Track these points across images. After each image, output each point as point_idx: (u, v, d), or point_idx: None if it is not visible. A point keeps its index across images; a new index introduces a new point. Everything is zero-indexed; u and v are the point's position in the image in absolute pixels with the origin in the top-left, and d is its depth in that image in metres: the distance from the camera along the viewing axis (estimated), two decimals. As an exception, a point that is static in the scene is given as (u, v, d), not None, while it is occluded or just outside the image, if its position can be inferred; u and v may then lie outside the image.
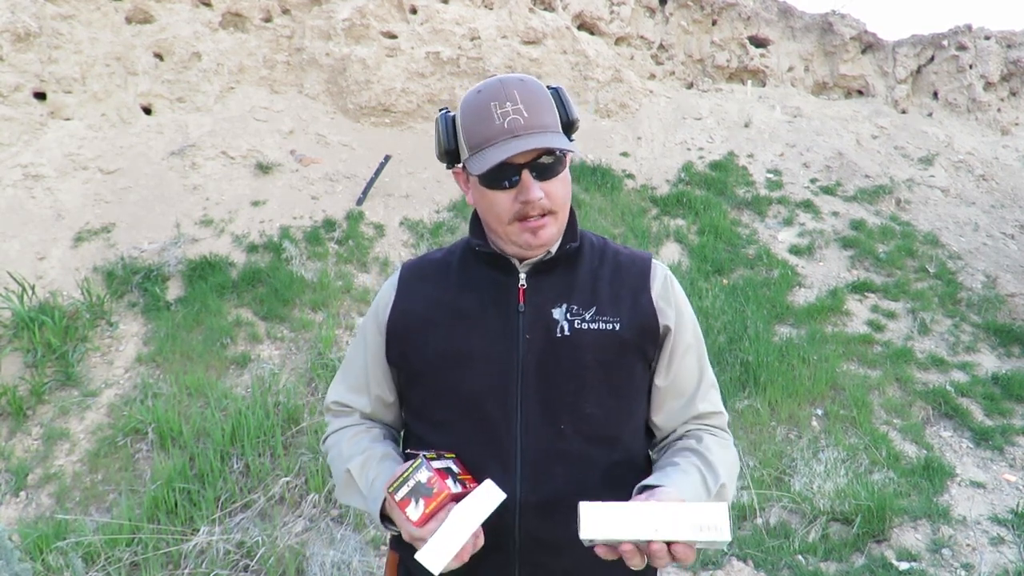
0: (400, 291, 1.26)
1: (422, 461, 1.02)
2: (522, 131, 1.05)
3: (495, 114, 1.06)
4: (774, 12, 11.44)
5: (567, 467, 1.13)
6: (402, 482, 1.01)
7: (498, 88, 1.08)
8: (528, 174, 1.07)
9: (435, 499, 0.98)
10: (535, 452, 1.12)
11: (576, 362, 1.14)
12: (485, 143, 1.06)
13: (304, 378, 4.70)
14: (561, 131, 1.12)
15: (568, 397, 1.14)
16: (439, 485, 0.99)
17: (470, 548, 1.00)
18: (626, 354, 1.16)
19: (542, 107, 1.09)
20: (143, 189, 6.40)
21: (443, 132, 1.15)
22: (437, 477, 1.00)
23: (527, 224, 1.10)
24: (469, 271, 1.23)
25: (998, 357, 5.99)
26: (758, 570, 3.35)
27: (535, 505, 1.12)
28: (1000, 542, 3.61)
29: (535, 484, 1.12)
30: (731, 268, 7.00)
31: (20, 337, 4.59)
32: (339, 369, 1.37)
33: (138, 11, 7.42)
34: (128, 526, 3.28)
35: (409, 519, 0.99)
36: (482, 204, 1.15)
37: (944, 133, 10.55)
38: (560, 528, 1.12)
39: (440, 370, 1.17)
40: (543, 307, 1.17)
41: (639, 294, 1.20)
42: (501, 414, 1.13)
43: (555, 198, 1.11)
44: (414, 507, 0.99)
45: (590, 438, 1.14)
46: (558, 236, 1.17)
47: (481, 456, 1.13)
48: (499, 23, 9.14)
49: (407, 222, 6.87)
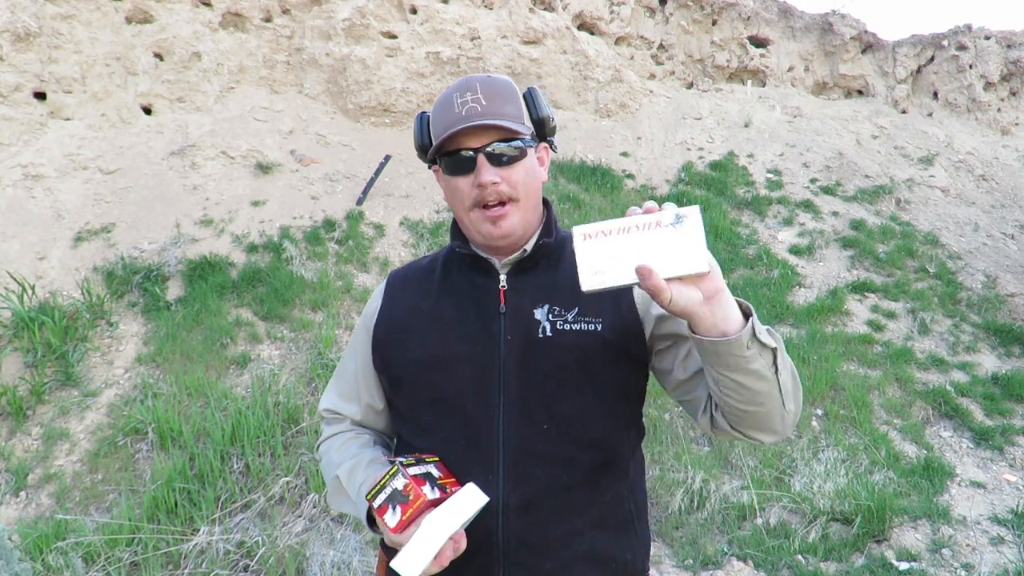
0: (385, 300, 1.29)
1: (398, 468, 1.02)
2: (476, 117, 1.10)
3: (455, 103, 1.12)
4: (774, 12, 11.44)
5: (549, 468, 1.13)
6: (379, 489, 1.01)
7: (463, 83, 1.15)
8: (483, 159, 1.11)
9: (411, 506, 0.99)
10: (517, 453, 1.13)
11: (558, 363, 1.14)
12: (444, 131, 1.12)
13: (304, 378, 4.70)
14: (524, 123, 1.16)
15: (549, 398, 1.14)
16: (415, 492, 0.99)
17: (450, 553, 0.99)
18: (608, 355, 1.15)
19: (502, 98, 1.13)
20: (143, 189, 6.40)
21: (418, 129, 1.22)
22: (413, 484, 1.00)
23: (487, 213, 1.13)
24: (450, 276, 1.25)
25: (998, 357, 5.99)
26: (758, 570, 3.35)
27: (517, 506, 1.12)
28: (1000, 542, 3.61)
29: (517, 485, 1.12)
30: (731, 268, 7.00)
31: (20, 337, 4.59)
32: (332, 376, 1.39)
33: (138, 11, 7.42)
34: (128, 526, 3.28)
35: (387, 526, 0.99)
36: (448, 194, 1.18)
37: (944, 133, 10.55)
38: (543, 528, 1.13)
39: (421, 375, 1.18)
40: (524, 308, 1.17)
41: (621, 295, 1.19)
42: (483, 415, 1.14)
43: (514, 185, 1.12)
44: (391, 514, 0.99)
45: (572, 439, 1.14)
46: (524, 226, 1.17)
47: (464, 458, 1.13)
48: (499, 23, 9.14)
49: (407, 222, 6.87)
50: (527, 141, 1.14)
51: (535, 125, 1.18)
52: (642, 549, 1.26)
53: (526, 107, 1.18)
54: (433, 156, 1.17)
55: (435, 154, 1.15)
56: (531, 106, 1.18)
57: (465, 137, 1.10)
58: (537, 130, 1.19)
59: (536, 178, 1.18)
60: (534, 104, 1.18)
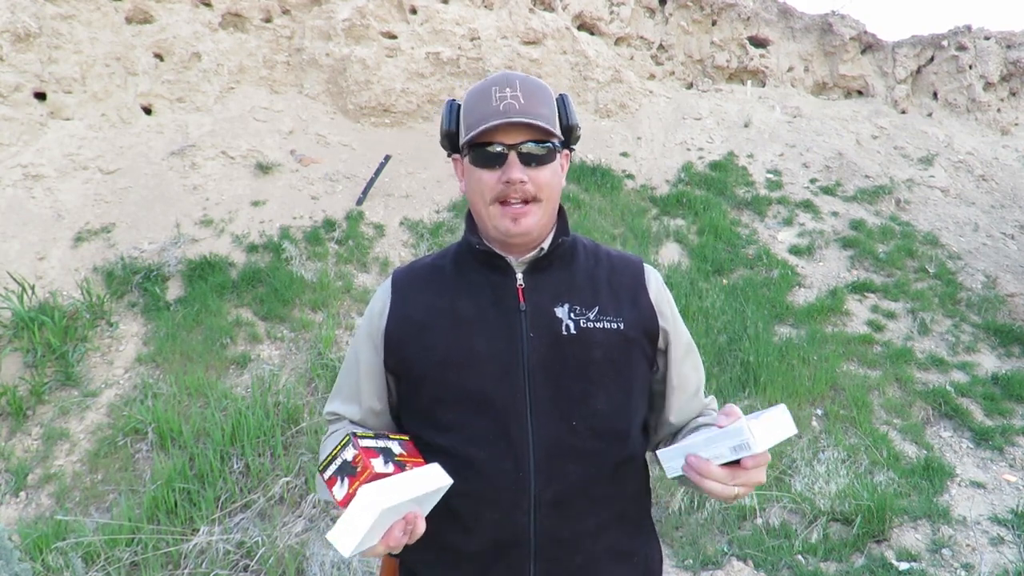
0: (396, 299, 1.26)
1: (349, 439, 0.99)
2: (515, 115, 1.10)
3: (494, 97, 1.12)
4: (774, 12, 11.45)
5: (579, 463, 1.14)
6: (330, 460, 0.98)
7: (503, 76, 1.15)
8: (514, 156, 1.11)
9: (358, 478, 0.95)
10: (548, 449, 1.13)
11: (585, 359, 1.16)
12: (479, 123, 1.11)
13: (304, 378, 4.70)
14: (557, 127, 1.17)
15: (578, 394, 1.15)
16: (363, 463, 0.96)
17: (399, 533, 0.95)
18: (632, 351, 1.19)
19: (539, 99, 1.14)
20: (143, 189, 6.40)
21: (447, 115, 1.21)
22: (363, 455, 0.97)
23: (508, 209, 1.13)
24: (465, 275, 1.24)
25: (998, 357, 5.99)
26: (758, 570, 3.35)
27: (549, 501, 1.12)
28: (1000, 542, 3.61)
29: (549, 481, 1.12)
30: (731, 268, 7.00)
31: (20, 337, 4.59)
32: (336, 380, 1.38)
33: (138, 11, 7.42)
34: (128, 526, 3.28)
35: (335, 499, 0.95)
36: (470, 185, 1.18)
37: (944, 133, 10.55)
38: (574, 523, 1.14)
39: (445, 373, 1.17)
40: (544, 305, 1.18)
41: (637, 296, 1.23)
42: (512, 412, 1.14)
43: (540, 186, 1.13)
44: (339, 486, 0.96)
45: (601, 434, 1.15)
46: (541, 227, 1.18)
47: (494, 455, 1.13)
48: (499, 23, 9.14)
49: (407, 222, 6.87)
50: (557, 145, 1.15)
51: (563, 131, 1.19)
52: (657, 544, 1.30)
53: (558, 112, 1.18)
54: (463, 145, 1.17)
55: (466, 144, 1.15)
56: (563, 112, 1.19)
57: (500, 132, 1.11)
58: (564, 136, 1.20)
59: (559, 182, 1.19)
60: (566, 111, 1.19)
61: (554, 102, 1.18)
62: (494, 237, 1.19)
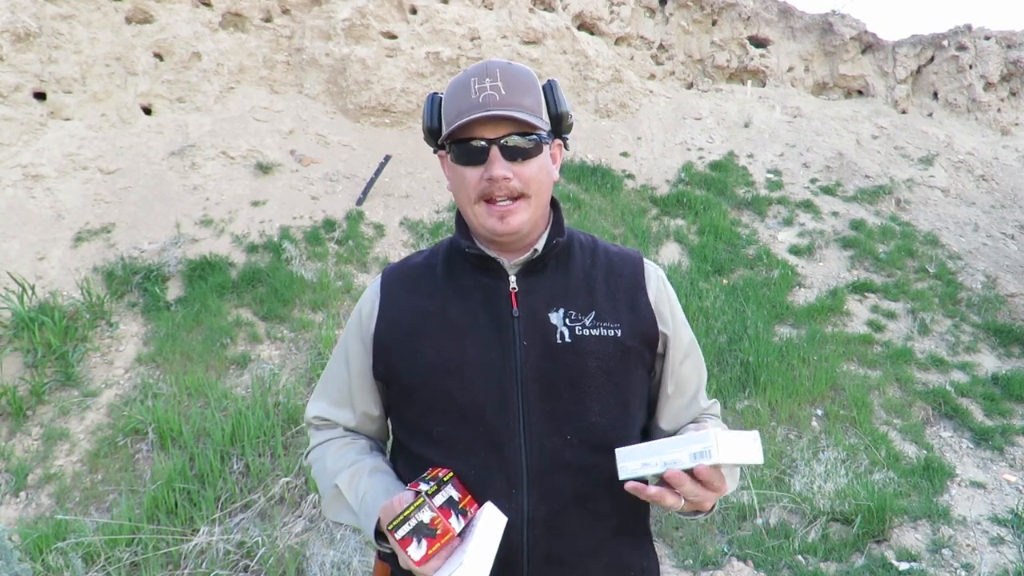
0: (384, 300, 1.19)
1: (424, 500, 0.97)
2: (494, 106, 1.03)
3: (473, 88, 1.05)
4: (774, 12, 11.44)
5: (572, 478, 1.09)
6: (403, 520, 0.96)
7: (482, 67, 1.07)
8: (496, 151, 1.04)
9: (439, 540, 0.95)
10: (542, 464, 1.08)
11: (579, 370, 1.10)
12: (458, 117, 1.04)
13: (304, 378, 4.70)
14: (542, 117, 1.09)
15: (572, 406, 1.09)
16: (443, 526, 0.96)
17: None
18: (629, 360, 1.13)
19: (522, 89, 1.07)
20: (143, 189, 6.40)
21: (428, 110, 1.14)
22: (441, 517, 0.97)
23: (494, 208, 1.07)
24: (456, 277, 1.17)
25: (998, 357, 5.99)
26: (758, 570, 3.35)
27: (543, 520, 1.08)
28: (1000, 542, 3.61)
29: (543, 498, 1.08)
30: (731, 268, 7.00)
31: (20, 337, 4.59)
32: (319, 382, 1.30)
33: (138, 11, 7.42)
34: (128, 526, 3.28)
35: (411, 559, 0.95)
36: (454, 183, 1.12)
37: (944, 133, 10.55)
38: (569, 541, 1.09)
39: (433, 382, 1.11)
40: (538, 311, 1.12)
41: (636, 298, 1.16)
42: (504, 425, 1.08)
43: (527, 181, 1.06)
44: (416, 547, 0.95)
45: (595, 447, 1.09)
46: (531, 225, 1.11)
47: (486, 471, 1.08)
48: (499, 23, 9.14)
49: (407, 222, 6.87)
50: (543, 136, 1.07)
51: (552, 120, 1.12)
52: (655, 556, 1.25)
53: (545, 100, 1.11)
54: (443, 141, 1.10)
55: (446, 140, 1.08)
56: (550, 100, 1.11)
57: (480, 126, 1.04)
58: (553, 125, 1.12)
59: (549, 176, 1.12)
60: (553, 98, 1.11)
61: (540, 90, 1.10)
62: (482, 237, 1.13)
